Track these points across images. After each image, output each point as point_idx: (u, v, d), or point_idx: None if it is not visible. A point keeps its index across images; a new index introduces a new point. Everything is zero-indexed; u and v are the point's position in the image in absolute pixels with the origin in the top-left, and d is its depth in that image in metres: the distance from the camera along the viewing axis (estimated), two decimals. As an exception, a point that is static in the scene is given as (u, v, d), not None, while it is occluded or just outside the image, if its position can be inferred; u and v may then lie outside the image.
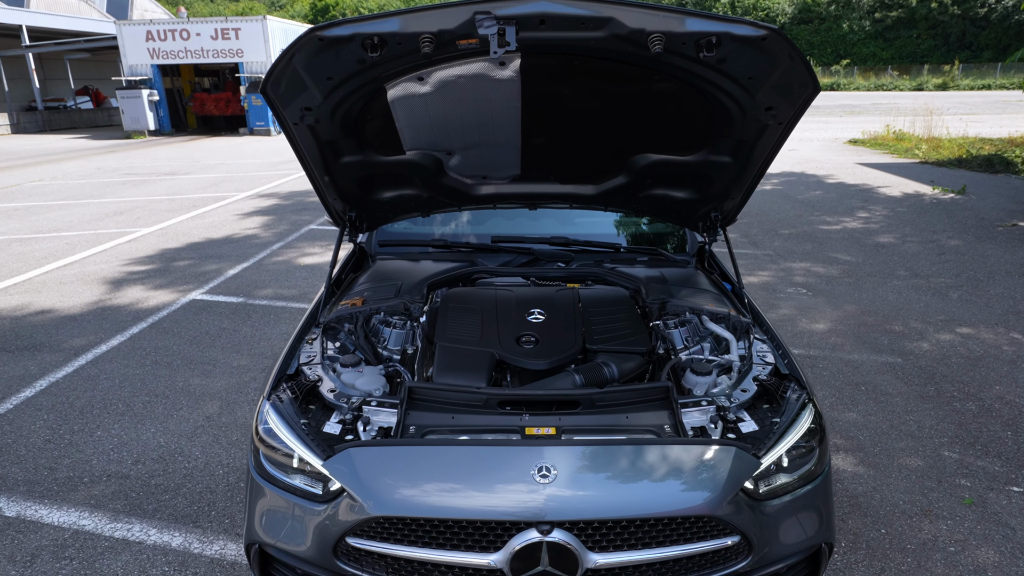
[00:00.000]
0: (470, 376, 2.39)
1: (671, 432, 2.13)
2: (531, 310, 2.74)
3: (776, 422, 2.18)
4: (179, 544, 2.94)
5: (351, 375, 2.44)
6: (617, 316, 2.74)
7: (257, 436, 2.23)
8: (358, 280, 3.20)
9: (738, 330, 2.75)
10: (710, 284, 3.18)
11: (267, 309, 5.90)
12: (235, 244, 8.23)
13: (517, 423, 2.14)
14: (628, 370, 2.46)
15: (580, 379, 2.35)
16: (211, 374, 4.62)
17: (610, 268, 3.20)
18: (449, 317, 2.71)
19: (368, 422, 2.17)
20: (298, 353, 2.60)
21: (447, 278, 3.05)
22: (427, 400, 2.23)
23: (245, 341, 5.19)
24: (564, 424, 2.14)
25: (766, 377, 2.40)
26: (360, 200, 3.03)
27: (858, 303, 5.98)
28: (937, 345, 5.03)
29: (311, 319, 2.83)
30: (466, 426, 2.14)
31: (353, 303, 2.88)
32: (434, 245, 3.42)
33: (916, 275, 6.77)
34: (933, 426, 3.88)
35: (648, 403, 2.22)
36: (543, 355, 2.48)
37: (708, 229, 3.23)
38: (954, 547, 2.90)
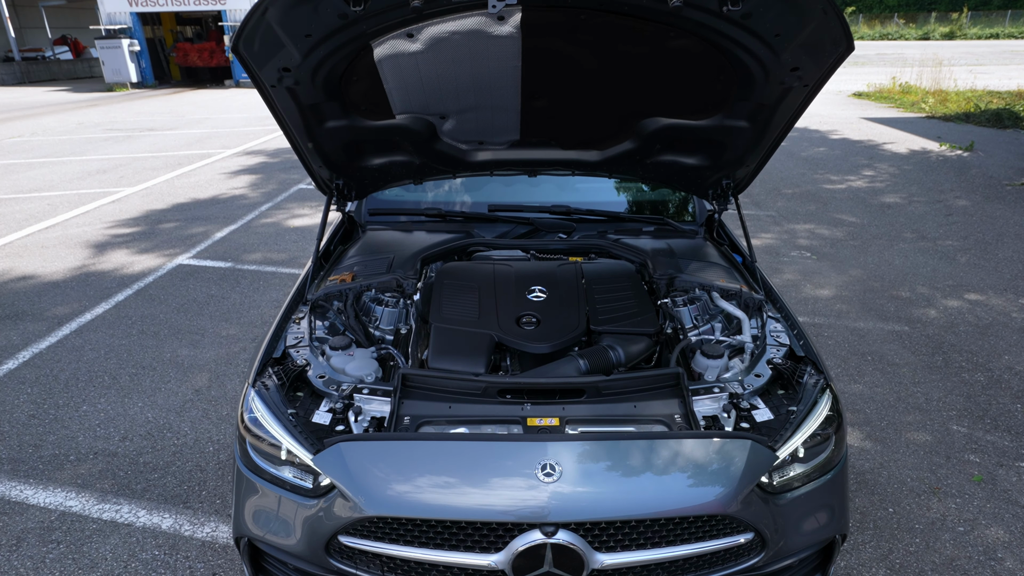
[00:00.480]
0: (468, 360, 2.25)
1: (682, 422, 2.01)
2: (531, 287, 2.59)
3: (793, 411, 2.06)
4: (169, 526, 2.85)
5: (341, 359, 2.29)
6: (623, 293, 2.59)
7: (243, 425, 2.10)
8: (347, 253, 3.03)
9: (750, 308, 2.61)
10: (720, 257, 3.02)
11: (256, 275, 5.73)
12: (222, 205, 8.00)
13: (518, 413, 2.01)
14: (635, 353, 2.32)
15: (584, 364, 2.21)
16: (199, 344, 4.48)
17: (614, 240, 3.04)
18: (444, 295, 2.56)
19: (360, 412, 2.04)
20: (284, 334, 2.45)
21: (441, 251, 2.88)
22: (422, 388, 2.10)
23: (234, 309, 5.04)
24: (568, 414, 2.01)
25: (781, 361, 2.27)
26: (347, 167, 2.84)
27: (864, 267, 5.84)
28: (945, 312, 4.92)
29: (298, 295, 2.67)
30: (464, 416, 2.02)
31: (342, 279, 2.72)
32: (427, 214, 3.24)
33: (923, 237, 6.62)
34: (941, 398, 3.79)
35: (657, 390, 2.09)
36: (545, 338, 2.34)
37: (718, 197, 3.05)
38: (963, 526, 2.84)
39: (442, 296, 2.55)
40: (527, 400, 2.05)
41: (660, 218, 3.23)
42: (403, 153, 2.82)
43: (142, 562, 2.66)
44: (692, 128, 2.62)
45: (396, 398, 2.03)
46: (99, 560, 2.67)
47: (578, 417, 2.01)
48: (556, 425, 1.98)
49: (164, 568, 2.63)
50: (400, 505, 1.77)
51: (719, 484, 1.81)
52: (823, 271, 5.77)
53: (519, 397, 2.06)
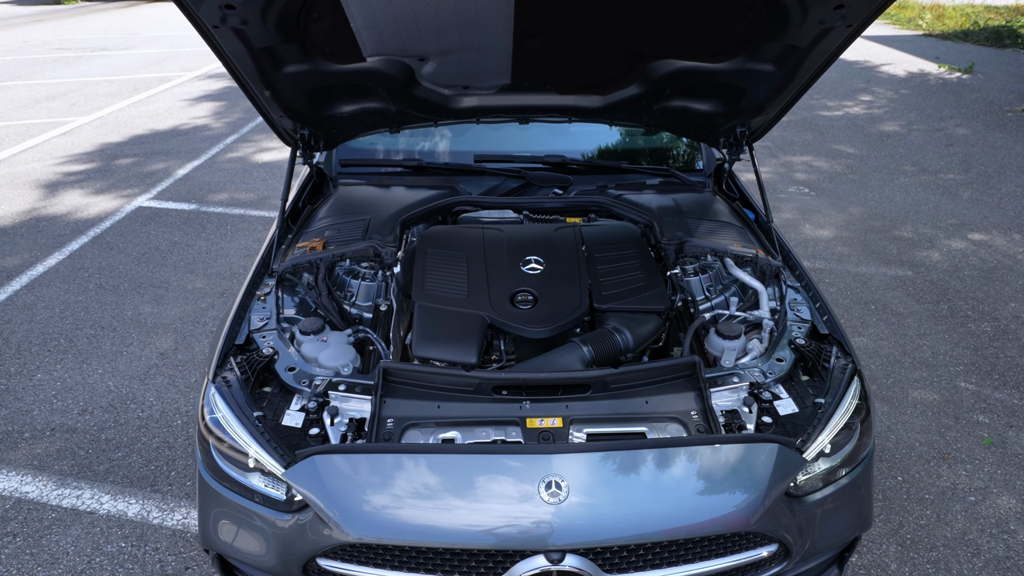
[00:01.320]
0: (457, 347, 1.99)
1: (699, 420, 1.79)
2: (526, 258, 2.31)
3: (820, 403, 1.85)
4: (136, 513, 2.64)
5: (313, 346, 2.03)
6: (628, 263, 2.32)
7: (204, 426, 1.85)
8: (317, 213, 2.70)
9: (767, 275, 2.36)
10: (731, 214, 2.74)
11: (223, 218, 5.34)
12: (184, 137, 7.44)
13: (516, 413, 1.78)
14: (644, 336, 2.08)
15: (588, 352, 1.97)
16: (163, 300, 4.16)
17: (616, 196, 2.73)
18: (428, 267, 2.27)
19: (336, 413, 1.80)
20: (248, 315, 2.16)
21: (423, 212, 2.56)
22: (406, 384, 1.85)
23: (200, 258, 4.69)
24: (572, 413, 1.78)
25: (804, 341, 2.04)
26: (312, 116, 2.46)
27: (864, 204, 5.60)
28: (948, 255, 4.73)
29: (263, 266, 2.37)
30: (455, 418, 1.78)
31: (312, 246, 2.41)
32: (406, 166, 2.89)
33: (924, 170, 6.36)
34: (948, 352, 3.65)
35: (671, 382, 1.86)
36: (543, 319, 2.08)
37: (731, 146, 2.74)
38: (974, 496, 2.73)
39: (426, 268, 2.26)
40: (526, 397, 1.82)
41: (665, 169, 2.92)
42: (376, 99, 2.44)
43: (107, 556, 2.46)
44: (708, 72, 2.28)
45: (377, 397, 1.79)
46: (60, 555, 2.47)
47: (583, 416, 1.78)
48: (559, 427, 1.75)
49: (132, 562, 2.44)
50: (385, 528, 1.56)
51: (743, 496, 1.62)
52: (822, 209, 5.53)
53: (516, 393, 1.83)
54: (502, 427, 1.77)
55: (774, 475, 1.65)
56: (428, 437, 1.76)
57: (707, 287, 2.35)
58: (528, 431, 1.74)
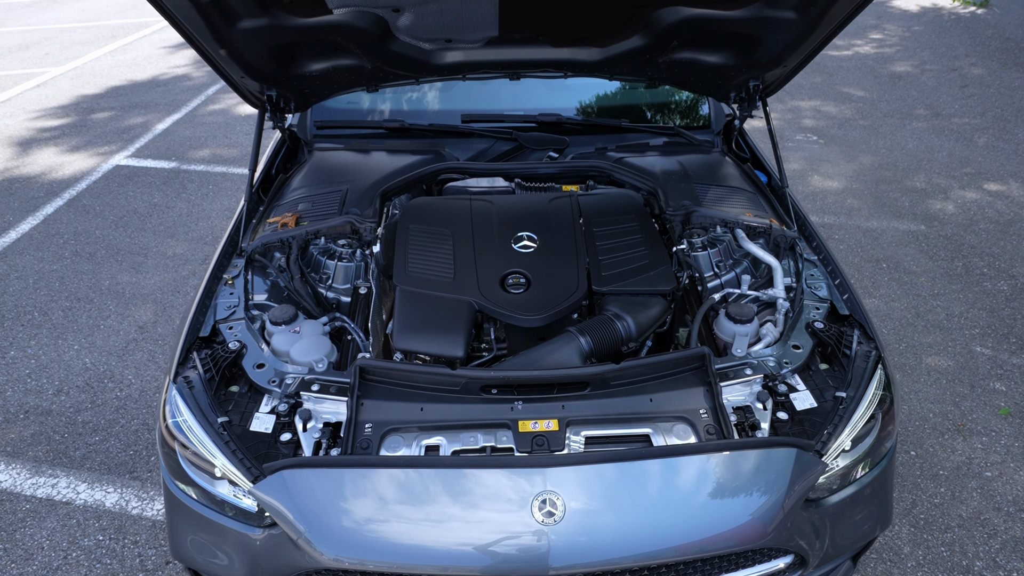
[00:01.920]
0: (442, 339, 1.82)
1: (709, 419, 1.64)
2: (518, 234, 2.10)
3: (841, 398, 1.69)
4: (114, 503, 2.53)
5: (284, 338, 1.85)
6: (630, 236, 2.12)
7: (166, 430, 1.69)
8: (291, 182, 2.48)
9: (781, 247, 2.17)
10: (742, 177, 2.52)
11: (205, 177, 5.09)
12: (163, 88, 7.07)
13: (507, 415, 1.63)
14: (648, 322, 1.90)
15: (586, 343, 1.79)
16: (142, 268, 3.97)
17: (616, 159, 2.50)
18: (411, 245, 2.07)
19: (309, 417, 1.64)
20: (214, 302, 1.98)
21: (405, 182, 2.34)
22: (386, 383, 1.68)
23: (181, 221, 4.47)
24: (569, 414, 1.63)
25: (823, 325, 1.87)
26: (279, 77, 2.22)
27: (875, 153, 5.34)
28: (963, 207, 4.51)
29: (230, 245, 2.17)
30: (440, 421, 1.62)
31: (284, 222, 2.20)
32: (388, 127, 2.64)
33: (937, 115, 6.06)
34: (963, 314, 3.48)
35: (678, 377, 1.70)
36: (537, 306, 1.89)
37: (742, 101, 2.50)
38: (990, 471, 2.62)
39: (407, 247, 2.07)
40: (517, 396, 1.65)
41: (671, 127, 2.67)
42: (348, 56, 2.19)
43: (84, 550, 2.36)
44: (721, 20, 2.02)
45: (354, 399, 1.62)
46: (34, 549, 2.37)
47: (581, 417, 1.63)
48: (554, 430, 1.60)
49: (110, 557, 2.34)
50: (361, 549, 1.42)
51: (758, 507, 1.47)
52: (831, 158, 5.27)
53: (507, 392, 1.66)
54: (492, 431, 1.62)
55: (792, 482, 1.50)
56: (411, 443, 1.60)
57: (716, 262, 2.16)
58: (520, 435, 1.59)
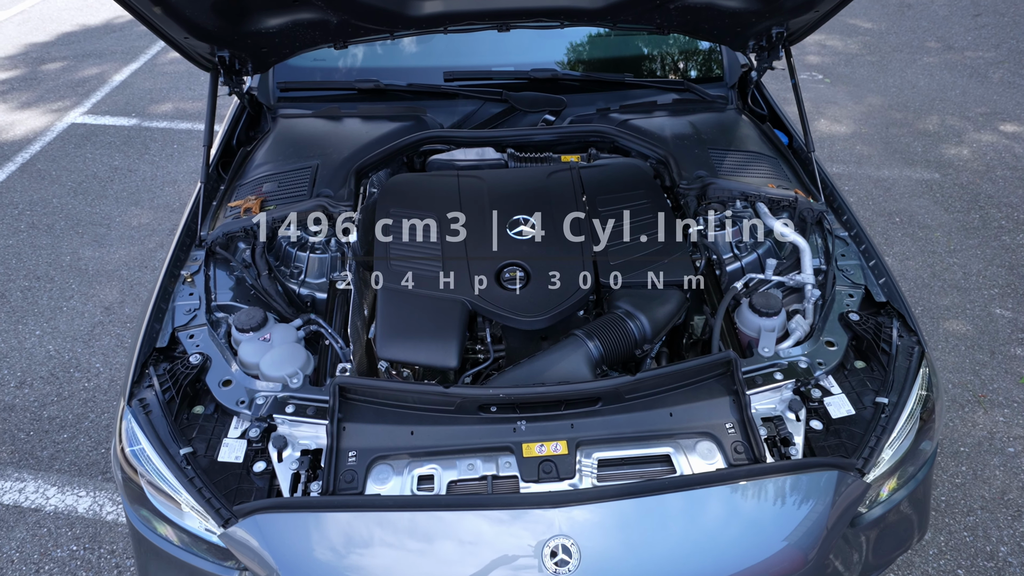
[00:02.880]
0: (432, 347, 1.61)
1: (735, 433, 1.45)
2: (514, 217, 1.86)
3: (882, 404, 1.51)
4: (87, 508, 2.36)
5: (252, 347, 1.63)
6: (641, 216, 1.88)
7: (124, 460, 1.50)
8: (253, 157, 2.20)
9: (807, 223, 1.95)
10: (762, 139, 2.26)
11: (168, 135, 4.72)
12: (119, 34, 6.54)
13: (509, 437, 1.44)
14: (664, 319, 1.69)
15: (596, 348, 1.59)
16: (105, 240, 3.69)
17: (621, 121, 2.23)
18: (392, 233, 1.82)
19: (284, 444, 1.44)
20: (171, 304, 1.75)
21: (383, 156, 2.07)
22: (369, 402, 1.48)
23: (145, 186, 4.15)
24: (579, 435, 1.44)
25: (858, 317, 1.67)
26: (229, 35, 1.91)
27: (884, 93, 5.04)
28: (979, 152, 4.27)
29: (187, 235, 1.92)
30: (432, 447, 1.43)
31: (247, 207, 1.94)
32: (362, 89, 2.34)
33: (949, 47, 5.72)
34: (981, 271, 3.30)
35: (701, 387, 1.50)
36: (538, 304, 1.67)
37: (762, 51, 2.22)
38: (1013, 446, 2.49)
39: (389, 235, 1.82)
40: (520, 415, 1.46)
41: (680, 81, 2.39)
42: (310, 9, 1.88)
43: (57, 562, 2.20)
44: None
45: (334, 424, 1.42)
46: (3, 564, 2.20)
47: (593, 437, 1.44)
48: (563, 453, 1.41)
49: (85, 568, 2.18)
50: (352, 605, 1.25)
51: (798, 539, 1.31)
52: (839, 99, 4.97)
53: (509, 410, 1.47)
54: (492, 456, 1.43)
55: (833, 509, 1.33)
56: (401, 473, 1.41)
57: (736, 243, 1.93)
58: (525, 461, 1.40)
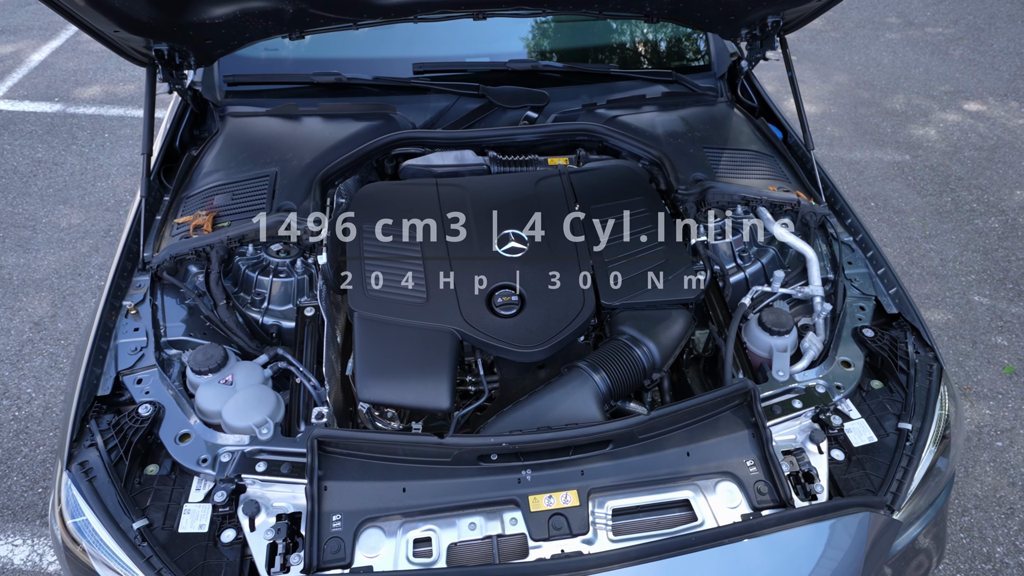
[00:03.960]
0: (421, 384, 1.43)
1: (757, 471, 1.33)
2: (504, 232, 1.67)
3: (905, 431, 1.41)
4: (25, 559, 2.11)
5: (212, 393, 1.42)
6: (639, 227, 1.72)
7: (66, 533, 1.28)
8: (201, 165, 1.94)
9: (810, 227, 1.83)
10: (756, 135, 2.13)
11: (97, 122, 4.32)
12: (35, 7, 5.95)
13: (514, 489, 1.28)
14: (672, 343, 1.54)
15: (603, 382, 1.44)
16: (31, 244, 3.34)
17: (609, 118, 2.06)
18: (367, 254, 1.62)
19: (257, 510, 1.25)
20: (114, 343, 1.52)
21: (350, 161, 1.85)
22: (353, 456, 1.30)
23: (74, 181, 3.78)
24: (591, 482, 1.29)
25: (872, 332, 1.56)
26: (168, 27, 1.65)
27: (850, 70, 5.00)
28: (945, 132, 4.26)
29: (127, 258, 1.68)
30: (429, 505, 1.26)
31: (197, 223, 1.70)
32: (321, 84, 2.10)
33: (910, 23, 5.71)
34: (957, 257, 3.29)
35: (717, 419, 1.37)
36: (535, 332, 1.50)
37: (754, 40, 2.08)
38: (1001, 440, 2.48)
39: (364, 255, 1.62)
40: (525, 462, 1.30)
41: (668, 73, 2.22)
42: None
43: (-7, 625, 1.96)
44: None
45: (314, 484, 1.24)
46: (-71, 631, 1.95)
47: (606, 484, 1.30)
48: (574, 505, 1.27)
49: (26, 631, 1.95)
50: None
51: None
52: (806, 77, 4.90)
53: (511, 457, 1.31)
54: (496, 511, 1.27)
55: (867, 555, 1.23)
56: (395, 536, 1.24)
57: (739, 252, 1.80)
58: (533, 516, 1.25)
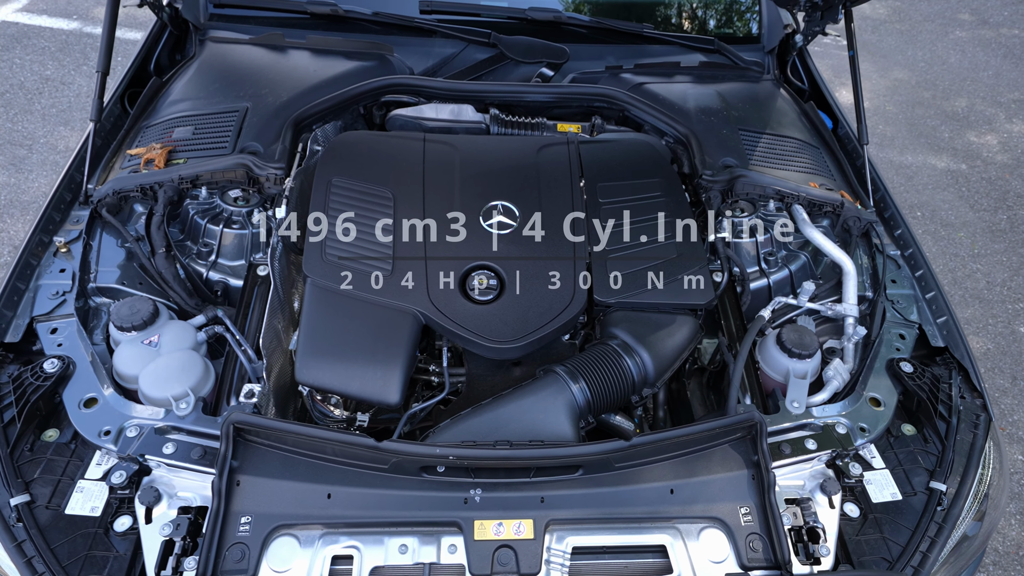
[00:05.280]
0: (369, 372, 1.23)
1: (752, 522, 1.12)
2: (491, 203, 1.45)
3: (938, 492, 1.18)
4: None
5: (133, 353, 1.25)
6: (652, 214, 1.48)
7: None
8: (169, 91, 1.73)
9: (852, 234, 1.58)
10: (802, 122, 1.86)
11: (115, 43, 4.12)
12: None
13: (459, 510, 1.09)
14: (671, 355, 1.32)
15: (580, 393, 1.22)
16: (24, 165, 3.19)
17: (635, 85, 1.80)
18: (332, 212, 1.41)
19: (157, 499, 1.07)
20: (34, 282, 1.34)
21: (332, 104, 1.63)
22: (275, 448, 1.11)
23: (79, 103, 3.62)
24: (551, 513, 1.09)
25: (911, 368, 1.32)
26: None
27: (912, 68, 4.61)
28: (1009, 142, 3.90)
29: (67, 188, 1.50)
30: (356, 517, 1.07)
31: (149, 157, 1.51)
32: (315, 14, 1.87)
33: (984, 22, 5.26)
34: (1006, 282, 2.99)
35: (712, 453, 1.16)
36: (513, 324, 1.29)
37: (815, 10, 1.81)
38: (1032, 491, 2.23)
39: (328, 212, 1.41)
40: (475, 479, 1.10)
41: (708, 39, 1.94)
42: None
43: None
44: None
45: (223, 476, 1.05)
46: None
47: (569, 517, 1.09)
48: (527, 538, 1.07)
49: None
50: None
51: None
52: (863, 70, 4.45)
53: (461, 472, 1.11)
54: (435, 535, 1.08)
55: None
56: (311, 548, 1.06)
57: (764, 254, 1.55)
58: (476, 545, 1.06)
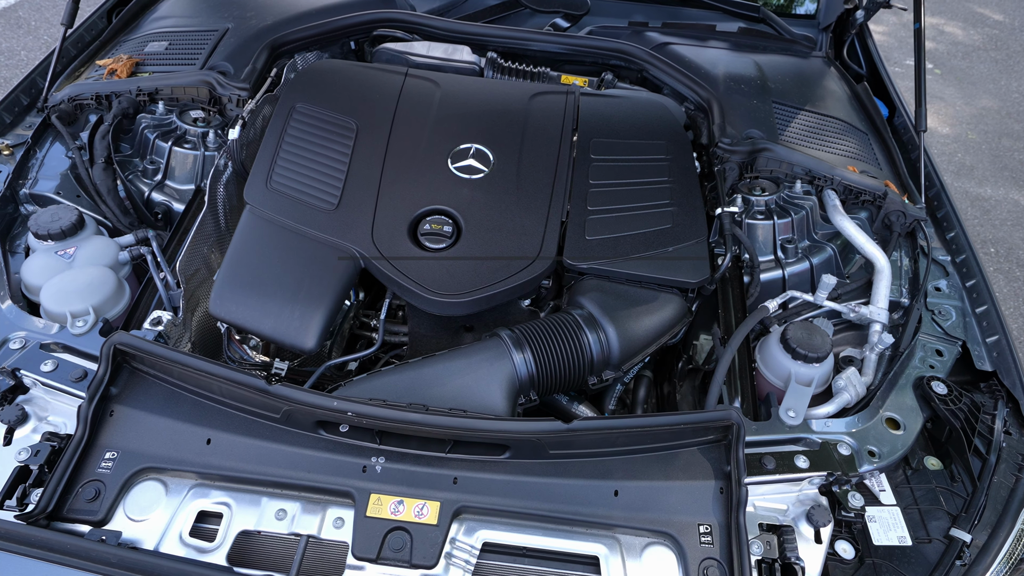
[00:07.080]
0: (288, 312, 1.07)
1: (710, 543, 0.90)
2: (463, 145, 1.27)
3: (961, 543, 0.93)
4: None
5: (43, 263, 1.12)
6: (652, 178, 1.27)
7: None
8: (156, 8, 1.64)
9: (894, 232, 1.33)
10: (852, 104, 1.61)
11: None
12: None
13: (354, 479, 0.91)
14: (643, 337, 1.10)
15: (526, 364, 1.02)
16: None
17: (659, 44, 1.60)
18: (288, 137, 1.26)
19: (23, 419, 0.94)
20: (-35, 182, 1.25)
21: (318, 33, 1.49)
22: (159, 380, 0.96)
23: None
24: (464, 497, 0.90)
25: (945, 389, 1.07)
26: None
27: (1003, 97, 4.21)
28: (1109, 186, 3.48)
29: (26, 91, 1.42)
30: (234, 470, 0.91)
31: (113, 67, 1.40)
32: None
33: (1091, 58, 4.79)
34: (1087, 335, 2.62)
35: (674, 455, 0.94)
36: (463, 277, 1.10)
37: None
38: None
39: (282, 139, 1.26)
40: (380, 446, 0.92)
41: (755, 7, 1.72)
42: None
43: None
44: None
45: (92, 402, 0.91)
46: None
47: (484, 505, 0.90)
48: (429, 523, 0.88)
49: None
50: None
51: None
52: (946, 95, 4.17)
53: (364, 434, 0.94)
54: (321, 504, 0.90)
55: None
56: (177, 498, 0.90)
57: (783, 241, 1.32)
58: (366, 522, 0.87)
